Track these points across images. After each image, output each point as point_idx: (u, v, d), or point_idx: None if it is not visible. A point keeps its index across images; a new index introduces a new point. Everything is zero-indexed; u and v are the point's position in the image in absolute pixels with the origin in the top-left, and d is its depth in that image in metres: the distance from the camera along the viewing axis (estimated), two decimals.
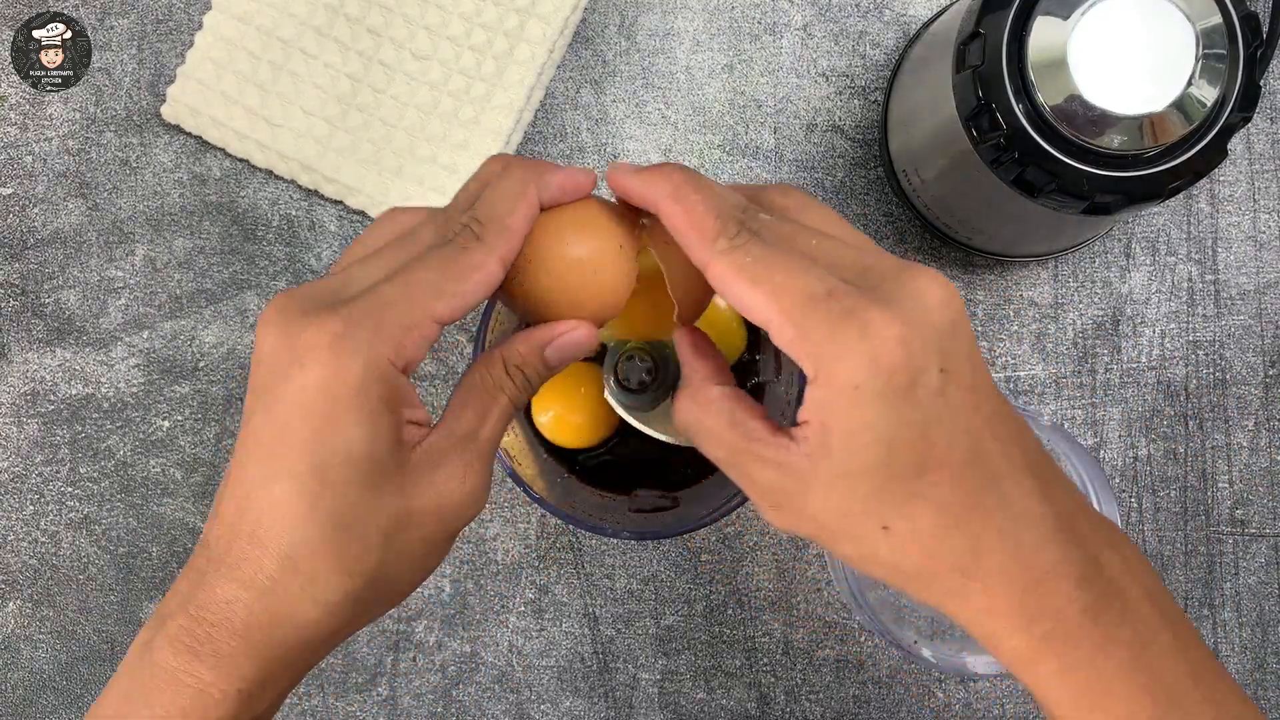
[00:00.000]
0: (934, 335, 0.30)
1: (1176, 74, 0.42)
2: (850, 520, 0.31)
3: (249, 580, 0.31)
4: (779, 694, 0.57)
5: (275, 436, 0.31)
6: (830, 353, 0.30)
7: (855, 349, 0.29)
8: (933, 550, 0.30)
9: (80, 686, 0.57)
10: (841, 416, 0.30)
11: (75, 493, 0.58)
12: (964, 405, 0.30)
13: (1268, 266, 0.57)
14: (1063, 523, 0.31)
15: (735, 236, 0.32)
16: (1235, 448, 0.57)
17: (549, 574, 0.57)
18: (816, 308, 0.30)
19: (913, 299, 0.30)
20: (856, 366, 0.29)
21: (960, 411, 0.30)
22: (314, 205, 0.58)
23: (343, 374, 0.30)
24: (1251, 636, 0.56)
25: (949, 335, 0.30)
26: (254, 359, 0.32)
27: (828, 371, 0.30)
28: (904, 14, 0.58)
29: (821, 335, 0.30)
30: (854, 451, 0.30)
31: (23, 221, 0.58)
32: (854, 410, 0.30)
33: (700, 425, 0.34)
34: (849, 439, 0.30)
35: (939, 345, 0.30)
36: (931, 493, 0.30)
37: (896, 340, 0.29)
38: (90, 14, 0.59)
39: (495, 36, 0.56)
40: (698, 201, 0.32)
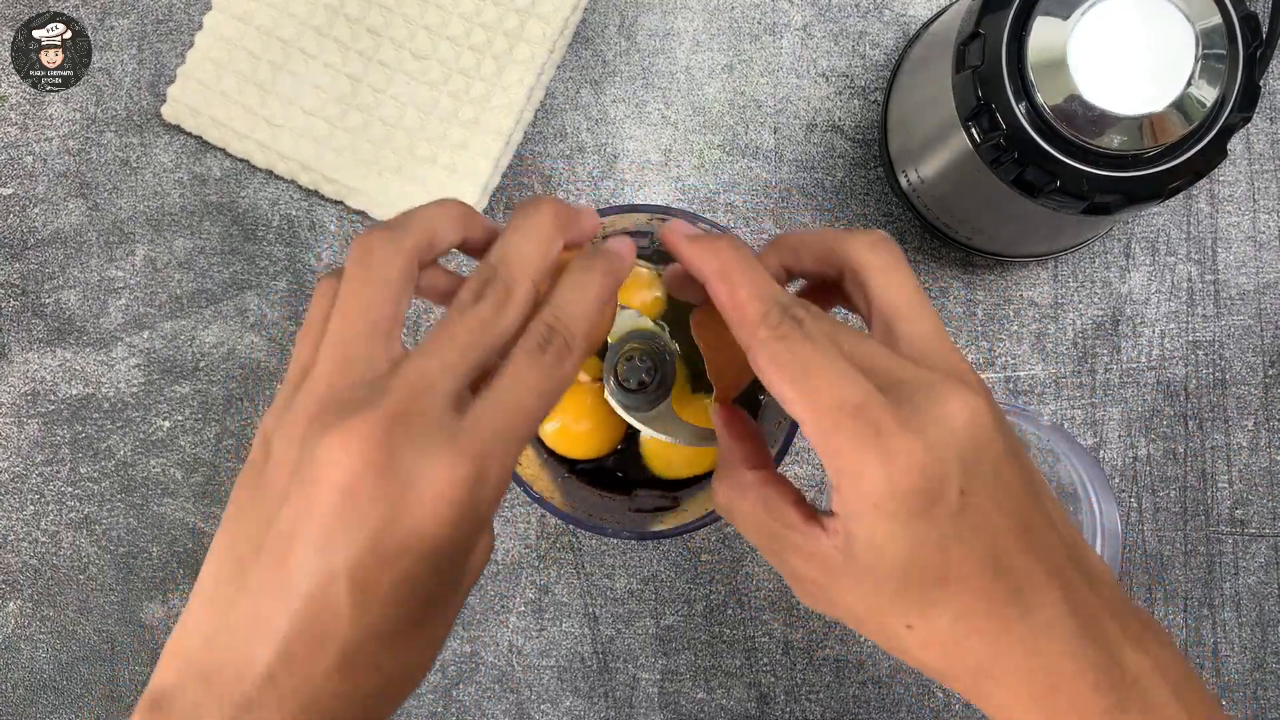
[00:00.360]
0: (955, 458, 0.30)
1: (1176, 74, 0.42)
2: (877, 614, 0.32)
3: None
4: (779, 694, 0.57)
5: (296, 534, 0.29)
6: (853, 467, 0.30)
7: (876, 469, 0.30)
8: (951, 652, 0.31)
9: (80, 686, 0.57)
10: (863, 527, 0.31)
11: (75, 493, 0.58)
12: (985, 522, 0.31)
13: (1267, 266, 0.57)
14: (1086, 628, 0.31)
15: (778, 326, 0.32)
16: (1235, 448, 0.57)
17: (549, 574, 0.57)
18: (845, 421, 0.30)
19: (938, 421, 0.30)
20: (876, 485, 0.30)
21: (980, 528, 0.30)
22: (314, 205, 0.58)
23: (466, 527, 0.29)
24: (1251, 636, 0.56)
25: (972, 456, 0.30)
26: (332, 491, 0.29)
27: (850, 484, 0.30)
28: (904, 14, 0.58)
29: (847, 448, 0.30)
30: (875, 559, 0.31)
31: (23, 221, 0.58)
32: (874, 524, 0.30)
33: (737, 509, 0.35)
34: (870, 548, 0.31)
35: (961, 467, 0.30)
36: (951, 601, 0.31)
37: (917, 466, 0.30)
38: (90, 14, 0.59)
39: (495, 36, 0.56)
40: (743, 285, 0.33)
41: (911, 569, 0.30)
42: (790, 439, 0.45)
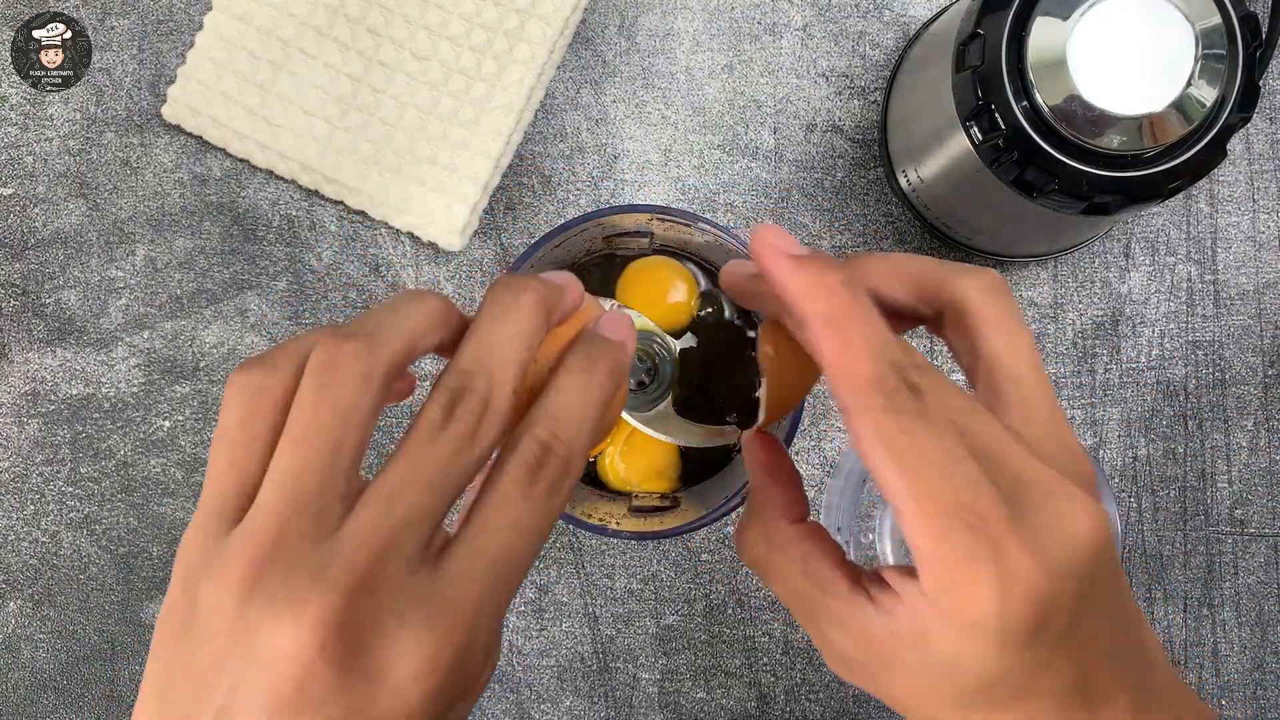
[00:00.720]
0: (1075, 586, 0.27)
1: (1176, 74, 0.42)
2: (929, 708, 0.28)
3: None
4: (779, 694, 0.57)
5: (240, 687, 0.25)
6: (958, 580, 0.26)
7: (989, 591, 0.26)
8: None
9: (80, 686, 0.57)
10: (950, 642, 0.27)
11: (76, 492, 0.58)
12: (1084, 648, 0.28)
13: (1267, 266, 0.57)
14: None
15: (892, 394, 0.27)
16: (1235, 448, 0.57)
17: (549, 574, 0.57)
18: (959, 529, 0.26)
19: (1064, 543, 0.27)
20: (985, 609, 0.26)
21: (1078, 654, 0.27)
22: (314, 205, 0.58)
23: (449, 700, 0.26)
24: (1251, 636, 0.56)
25: (1089, 581, 0.27)
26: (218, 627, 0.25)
27: (949, 594, 0.27)
28: (904, 14, 0.58)
29: (955, 557, 0.26)
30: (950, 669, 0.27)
31: (23, 221, 0.58)
32: (965, 644, 0.27)
33: (771, 567, 0.31)
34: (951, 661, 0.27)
35: (1077, 591, 0.27)
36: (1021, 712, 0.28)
37: (1036, 595, 0.26)
38: (91, 14, 0.59)
39: (495, 36, 0.56)
40: (857, 337, 0.27)
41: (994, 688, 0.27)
42: (791, 436, 0.45)
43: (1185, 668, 0.56)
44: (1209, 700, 0.56)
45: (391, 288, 0.57)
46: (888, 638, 0.28)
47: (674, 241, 0.53)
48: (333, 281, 0.58)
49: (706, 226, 0.47)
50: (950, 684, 0.27)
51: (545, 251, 0.49)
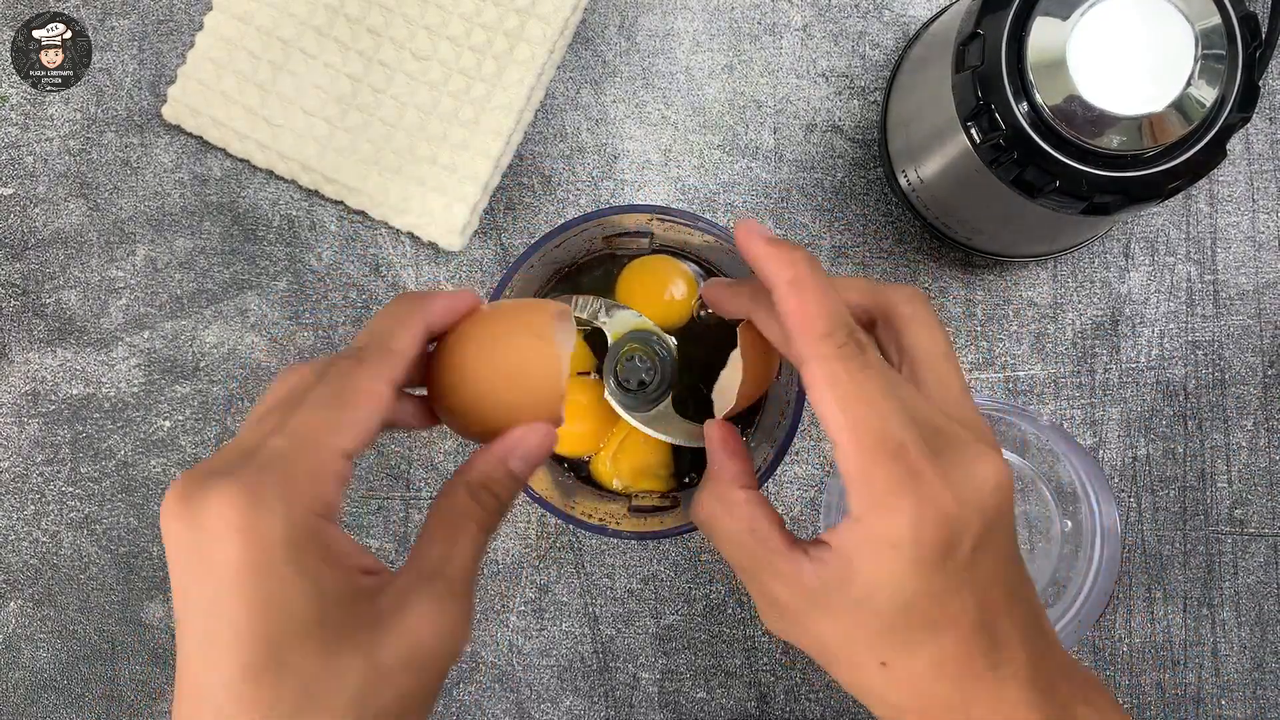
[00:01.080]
0: (978, 517, 0.32)
1: (1176, 74, 0.42)
2: (851, 649, 0.33)
3: None
4: (779, 693, 0.57)
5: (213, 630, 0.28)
6: (882, 505, 0.31)
7: (907, 511, 0.31)
8: (924, 693, 0.32)
9: (81, 686, 0.57)
10: (870, 564, 0.32)
11: (76, 492, 0.58)
12: (987, 578, 0.32)
13: (1266, 266, 0.57)
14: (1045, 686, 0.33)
15: (843, 345, 0.32)
16: (1234, 447, 0.57)
17: (549, 574, 0.57)
18: (885, 458, 0.31)
19: (971, 480, 0.32)
20: (901, 529, 0.31)
21: (979, 586, 0.32)
22: (314, 205, 0.58)
23: (264, 540, 0.28)
24: (1250, 636, 0.56)
25: (993, 519, 0.32)
26: (168, 557, 0.29)
27: (873, 520, 0.31)
28: (904, 14, 0.58)
29: (880, 486, 0.31)
30: (872, 597, 0.32)
31: (24, 221, 0.58)
32: (884, 564, 0.31)
33: (720, 526, 0.35)
34: (871, 586, 0.32)
35: (981, 525, 0.32)
36: (934, 645, 0.32)
37: (946, 519, 0.31)
38: (91, 14, 0.59)
39: (495, 37, 0.56)
40: (814, 297, 0.33)
41: (908, 612, 0.32)
42: (785, 447, 0.45)
43: (1185, 668, 0.56)
44: (1210, 700, 0.56)
45: (391, 288, 0.58)
46: (818, 583, 0.33)
47: (674, 242, 0.53)
48: (333, 281, 0.58)
49: (706, 227, 0.47)
50: (870, 614, 0.32)
51: (545, 251, 0.49)
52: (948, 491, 0.31)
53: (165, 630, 0.57)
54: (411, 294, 0.35)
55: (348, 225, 0.58)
